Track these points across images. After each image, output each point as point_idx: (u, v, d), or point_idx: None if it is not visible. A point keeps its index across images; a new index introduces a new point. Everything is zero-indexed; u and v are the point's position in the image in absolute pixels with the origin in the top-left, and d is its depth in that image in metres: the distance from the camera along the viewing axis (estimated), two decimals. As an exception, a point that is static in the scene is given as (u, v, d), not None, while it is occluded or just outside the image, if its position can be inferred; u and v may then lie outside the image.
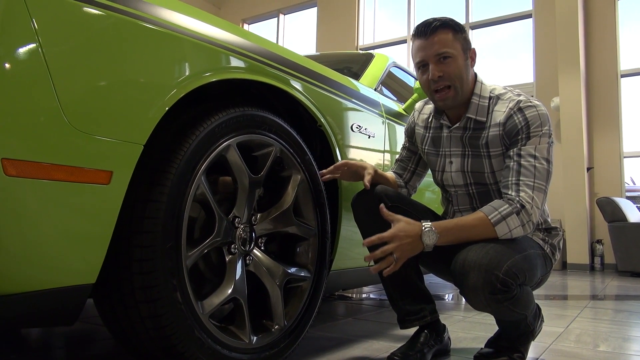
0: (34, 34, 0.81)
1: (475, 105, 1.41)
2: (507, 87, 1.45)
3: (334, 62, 2.67)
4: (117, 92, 0.93)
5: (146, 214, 1.00)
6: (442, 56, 1.35)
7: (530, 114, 1.34)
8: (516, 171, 1.32)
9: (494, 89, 1.44)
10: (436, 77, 1.35)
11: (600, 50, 6.00)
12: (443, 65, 1.35)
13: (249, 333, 1.23)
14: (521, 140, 1.34)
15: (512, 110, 1.36)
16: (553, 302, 2.99)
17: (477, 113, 1.41)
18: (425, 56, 1.37)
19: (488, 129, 1.40)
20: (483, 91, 1.42)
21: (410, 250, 1.27)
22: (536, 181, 1.31)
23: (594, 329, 2.08)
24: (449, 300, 2.97)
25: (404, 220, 1.29)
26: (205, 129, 1.12)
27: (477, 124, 1.42)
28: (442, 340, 1.51)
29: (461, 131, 1.45)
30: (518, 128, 1.34)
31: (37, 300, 0.86)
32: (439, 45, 1.34)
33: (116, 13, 0.94)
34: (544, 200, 1.34)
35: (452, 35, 1.36)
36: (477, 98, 1.42)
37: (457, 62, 1.36)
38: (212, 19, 1.20)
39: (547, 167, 1.33)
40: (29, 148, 0.81)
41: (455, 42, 1.36)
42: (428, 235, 1.27)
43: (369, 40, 7.83)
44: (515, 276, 1.22)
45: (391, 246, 1.26)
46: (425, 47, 1.36)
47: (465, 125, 1.44)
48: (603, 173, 5.89)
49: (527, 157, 1.32)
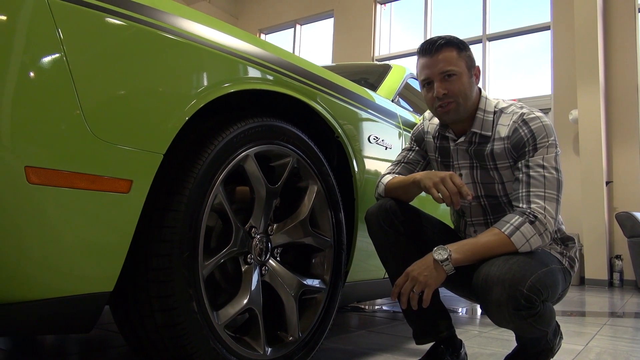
0: (59, 44, 0.83)
1: (480, 120, 1.43)
2: (509, 101, 1.46)
3: (351, 73, 2.67)
4: (138, 102, 0.94)
5: (164, 222, 1.00)
6: (447, 74, 1.37)
7: (535, 125, 1.35)
8: (526, 183, 1.33)
9: (498, 102, 1.46)
10: (441, 94, 1.37)
11: (620, 62, 5.92)
12: (448, 83, 1.37)
13: (263, 344, 1.22)
14: (528, 153, 1.35)
15: (517, 123, 1.38)
16: (571, 318, 2.93)
17: (482, 128, 1.42)
18: (431, 74, 1.39)
19: (492, 142, 1.41)
20: (488, 106, 1.44)
21: (432, 278, 1.26)
22: (547, 191, 1.31)
23: (613, 347, 2.03)
24: (463, 314, 2.93)
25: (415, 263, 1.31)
26: (224, 139, 1.13)
27: (482, 138, 1.43)
28: (459, 356, 1.48)
29: (466, 144, 1.46)
30: (524, 140, 1.35)
31: (55, 307, 0.87)
32: (443, 64, 1.37)
33: (137, 24, 0.95)
34: (558, 209, 1.33)
35: (457, 53, 1.38)
36: (482, 113, 1.43)
37: (461, 79, 1.37)
38: (231, 29, 1.21)
39: (556, 175, 1.33)
40: (51, 156, 0.82)
41: (460, 60, 1.38)
42: (438, 251, 1.27)
43: (385, 51, 7.84)
44: (539, 292, 1.20)
45: (409, 283, 1.28)
46: (430, 65, 1.38)
47: (470, 139, 1.45)
48: (622, 187, 5.79)
49: (535, 168, 1.33)
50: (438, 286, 1.29)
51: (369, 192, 1.64)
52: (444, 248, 1.27)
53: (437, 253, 1.27)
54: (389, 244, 1.44)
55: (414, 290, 1.27)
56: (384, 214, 1.43)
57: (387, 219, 1.42)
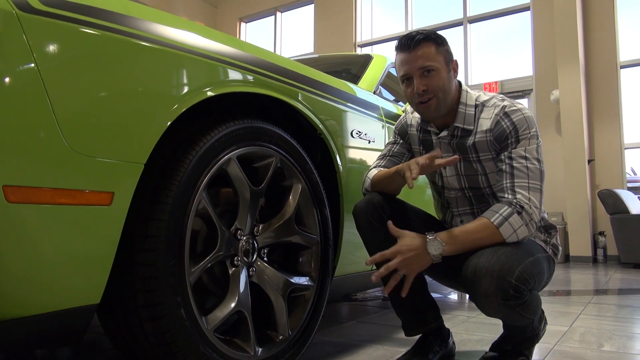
0: (30, 57, 0.81)
1: (462, 114, 1.44)
2: (490, 94, 1.47)
3: (332, 64, 2.66)
4: (115, 113, 0.93)
5: (148, 232, 1.00)
6: (426, 69, 1.37)
7: (517, 117, 1.37)
8: (509, 174, 1.35)
9: (479, 96, 1.47)
10: (421, 90, 1.38)
11: (599, 41, 5.97)
12: (427, 78, 1.38)
13: (253, 345, 1.23)
14: (511, 145, 1.37)
15: (499, 115, 1.39)
16: (556, 298, 2.99)
17: (464, 122, 1.44)
18: (410, 70, 1.39)
19: (475, 134, 1.42)
20: (469, 99, 1.45)
21: (417, 264, 1.28)
22: (530, 181, 1.33)
23: (597, 326, 2.09)
24: (449, 298, 2.97)
25: (409, 235, 1.31)
26: (206, 144, 1.12)
27: (464, 132, 1.44)
28: (447, 346, 1.51)
29: (449, 138, 1.48)
30: (507, 133, 1.37)
31: (42, 323, 0.87)
32: (422, 60, 1.37)
33: (111, 33, 0.93)
34: (541, 199, 1.35)
35: (435, 48, 1.39)
36: (463, 107, 1.44)
37: (440, 74, 1.38)
38: (208, 32, 1.20)
39: (539, 166, 1.35)
40: (29, 173, 0.81)
41: (438, 55, 1.39)
42: (433, 244, 1.28)
43: (367, 37, 7.80)
44: (526, 281, 1.23)
45: (395, 262, 1.27)
46: (409, 61, 1.39)
47: (453, 133, 1.46)
48: (604, 165, 5.88)
49: (518, 159, 1.35)
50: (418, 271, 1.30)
51: (353, 186, 1.65)
52: (438, 241, 1.28)
53: (431, 246, 1.28)
54: (377, 239, 1.44)
55: (398, 272, 1.28)
56: (372, 209, 1.44)
57: (374, 214, 1.43)
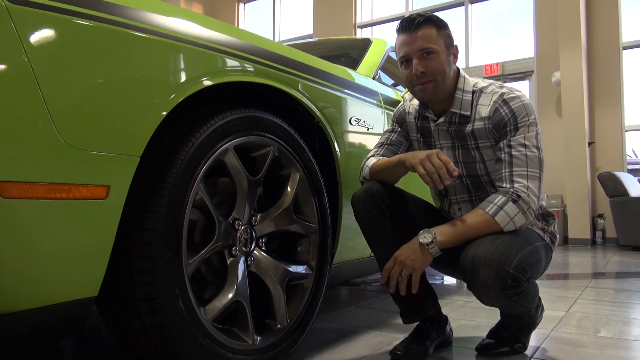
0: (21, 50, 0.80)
1: (459, 100, 1.42)
2: (488, 80, 1.46)
3: (331, 49, 2.64)
4: (109, 106, 0.92)
5: (145, 225, 1.00)
6: (426, 51, 1.36)
7: (515, 105, 1.36)
8: (508, 162, 1.34)
9: (477, 82, 1.45)
10: (419, 72, 1.36)
11: (601, 22, 5.90)
12: (426, 60, 1.36)
13: (252, 334, 1.24)
14: (510, 132, 1.36)
15: (497, 103, 1.38)
16: (555, 281, 3.01)
17: (461, 107, 1.42)
18: (409, 51, 1.38)
19: (473, 122, 1.41)
20: (466, 85, 1.44)
21: (419, 262, 1.29)
22: (529, 170, 1.32)
23: (595, 311, 2.10)
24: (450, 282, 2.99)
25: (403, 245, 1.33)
26: (202, 135, 1.11)
27: (461, 118, 1.43)
28: (444, 333, 1.53)
29: (446, 125, 1.46)
30: (505, 120, 1.36)
31: (40, 316, 0.87)
32: (422, 41, 1.36)
33: (104, 23, 0.91)
34: (540, 187, 1.35)
35: (436, 31, 1.37)
36: (460, 93, 1.43)
37: (440, 58, 1.37)
38: (206, 20, 1.18)
39: (538, 154, 1.35)
40: (24, 169, 0.80)
41: (439, 38, 1.37)
42: (423, 234, 1.29)
43: (367, 18, 7.70)
44: (524, 270, 1.23)
45: (397, 267, 1.31)
46: (409, 42, 1.37)
47: (450, 119, 1.45)
48: (604, 147, 5.87)
49: (517, 147, 1.34)
50: (425, 268, 1.31)
51: (352, 173, 1.64)
52: (428, 231, 1.29)
53: (422, 237, 1.29)
54: (376, 228, 1.45)
55: (402, 275, 1.29)
56: (371, 198, 1.43)
57: (373, 203, 1.43)
